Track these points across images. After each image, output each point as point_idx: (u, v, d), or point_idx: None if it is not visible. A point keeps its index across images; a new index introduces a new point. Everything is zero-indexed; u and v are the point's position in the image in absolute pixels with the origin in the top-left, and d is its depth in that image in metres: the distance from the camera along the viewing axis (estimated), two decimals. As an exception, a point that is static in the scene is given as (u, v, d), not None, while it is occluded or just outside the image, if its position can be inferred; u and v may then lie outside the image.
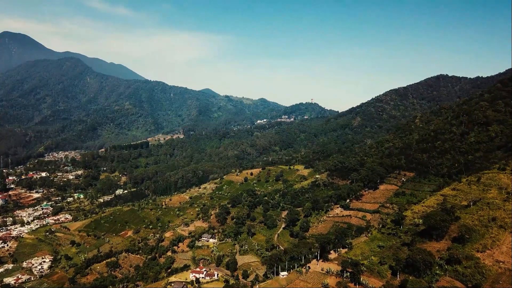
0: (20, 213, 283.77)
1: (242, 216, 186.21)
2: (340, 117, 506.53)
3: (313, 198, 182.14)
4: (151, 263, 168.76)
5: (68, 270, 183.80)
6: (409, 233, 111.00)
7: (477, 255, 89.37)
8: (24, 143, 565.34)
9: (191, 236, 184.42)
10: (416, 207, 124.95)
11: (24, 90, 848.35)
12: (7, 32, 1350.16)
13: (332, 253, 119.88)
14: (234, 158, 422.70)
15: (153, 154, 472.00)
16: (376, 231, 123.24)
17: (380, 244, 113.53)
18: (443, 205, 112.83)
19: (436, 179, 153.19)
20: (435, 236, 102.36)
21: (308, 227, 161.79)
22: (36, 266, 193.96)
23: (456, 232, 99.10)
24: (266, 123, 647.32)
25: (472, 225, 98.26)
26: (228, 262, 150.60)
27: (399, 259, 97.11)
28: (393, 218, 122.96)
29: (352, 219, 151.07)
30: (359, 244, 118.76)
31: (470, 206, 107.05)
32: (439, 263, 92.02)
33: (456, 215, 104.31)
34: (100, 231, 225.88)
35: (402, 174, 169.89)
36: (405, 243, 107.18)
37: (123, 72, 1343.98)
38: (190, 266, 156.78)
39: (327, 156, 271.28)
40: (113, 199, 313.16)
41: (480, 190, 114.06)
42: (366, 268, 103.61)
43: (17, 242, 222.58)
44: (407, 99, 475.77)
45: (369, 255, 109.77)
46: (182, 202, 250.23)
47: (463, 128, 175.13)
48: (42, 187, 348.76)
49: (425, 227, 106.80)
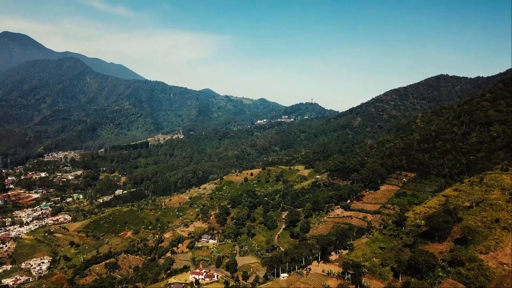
0: (19, 214, 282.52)
1: (242, 216, 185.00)
2: (340, 117, 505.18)
3: (314, 199, 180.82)
4: (150, 264, 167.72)
5: (67, 271, 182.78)
6: (411, 234, 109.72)
7: (481, 257, 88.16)
8: (24, 143, 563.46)
9: (191, 237, 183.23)
10: (417, 208, 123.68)
11: (23, 90, 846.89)
12: (7, 32, 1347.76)
13: (333, 254, 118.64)
14: (234, 158, 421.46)
15: (153, 154, 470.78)
16: (377, 232, 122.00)
17: (381, 245, 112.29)
18: (445, 206, 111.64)
19: (437, 179, 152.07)
20: (438, 237, 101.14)
21: (309, 228, 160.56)
22: (35, 267, 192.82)
23: (459, 233, 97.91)
24: (266, 123, 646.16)
25: (475, 227, 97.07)
26: (228, 263, 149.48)
27: (401, 260, 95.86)
28: (394, 219, 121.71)
29: (353, 220, 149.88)
30: (360, 245, 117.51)
31: (472, 207, 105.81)
32: (442, 265, 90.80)
33: (458, 216, 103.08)
34: (99, 231, 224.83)
35: (403, 174, 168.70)
36: (407, 244, 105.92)
37: (123, 72, 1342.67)
38: (190, 267, 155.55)
39: (328, 156, 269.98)
40: (112, 199, 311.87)
41: (483, 191, 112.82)
42: (367, 270, 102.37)
43: (16, 242, 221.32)
44: (408, 99, 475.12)
45: (370, 257, 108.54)
46: (181, 203, 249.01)
47: (465, 128, 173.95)
48: (41, 187, 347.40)
49: (427, 228, 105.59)
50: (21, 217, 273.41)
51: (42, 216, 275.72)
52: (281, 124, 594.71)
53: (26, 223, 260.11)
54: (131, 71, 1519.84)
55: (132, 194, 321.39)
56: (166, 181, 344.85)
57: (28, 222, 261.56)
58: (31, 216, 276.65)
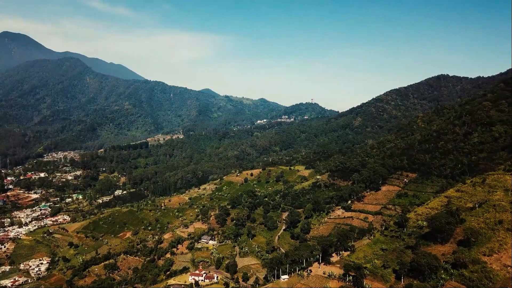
0: (18, 214, 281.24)
1: (242, 217, 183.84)
2: (340, 117, 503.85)
3: (314, 199, 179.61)
4: (149, 266, 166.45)
5: (65, 272, 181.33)
6: (413, 235, 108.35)
7: (484, 259, 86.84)
8: (23, 143, 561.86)
9: (191, 238, 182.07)
10: (419, 209, 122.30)
11: (23, 90, 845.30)
12: (7, 32, 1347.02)
13: (334, 256, 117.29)
14: (234, 158, 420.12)
15: (153, 155, 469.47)
16: (379, 233, 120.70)
17: (383, 247, 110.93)
18: (447, 207, 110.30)
19: (439, 180, 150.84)
20: (440, 239, 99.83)
21: (309, 229, 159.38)
22: (34, 268, 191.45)
23: (462, 235, 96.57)
24: (266, 123, 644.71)
25: (478, 228, 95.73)
26: (228, 265, 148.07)
27: (403, 262, 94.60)
28: (396, 220, 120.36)
29: (354, 221, 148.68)
30: (362, 246, 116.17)
31: (475, 208, 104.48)
32: (445, 267, 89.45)
33: (461, 217, 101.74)
34: (98, 232, 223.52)
35: (404, 175, 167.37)
36: (409, 246, 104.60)
37: (122, 72, 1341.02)
38: (190, 269, 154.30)
39: (328, 156, 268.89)
40: (112, 199, 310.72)
41: (486, 192, 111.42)
42: (369, 272, 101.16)
43: (15, 243, 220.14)
44: (408, 99, 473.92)
45: (372, 258, 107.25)
46: (181, 203, 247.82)
47: (466, 128, 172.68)
48: (40, 187, 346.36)
49: (429, 230, 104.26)
50: (20, 218, 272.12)
51: (41, 217, 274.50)
52: (281, 124, 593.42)
53: (25, 223, 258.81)
54: (131, 71, 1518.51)
55: (132, 195, 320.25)
56: (166, 181, 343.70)
57: (27, 223, 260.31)
58: (30, 217, 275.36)
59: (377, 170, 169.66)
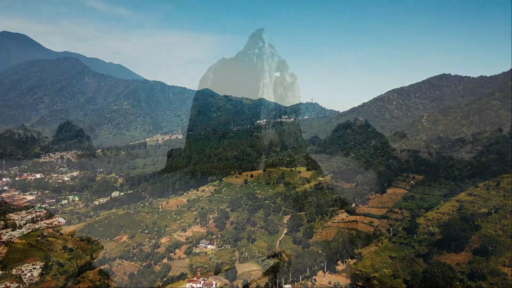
0: (12, 216, 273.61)
1: (242, 221, 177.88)
2: (341, 117, 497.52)
3: (317, 202, 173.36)
4: (146, 271, 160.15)
5: (59, 277, 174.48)
6: (424, 243, 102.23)
7: (504, 270, 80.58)
8: (20, 144, 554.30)
9: (188, 242, 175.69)
10: (429, 214, 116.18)
11: (21, 89, 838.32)
12: (5, 32, 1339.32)
13: (339, 264, 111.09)
14: (233, 159, 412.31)
15: (151, 155, 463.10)
16: (386, 239, 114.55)
17: (392, 254, 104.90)
18: (460, 212, 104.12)
19: (447, 182, 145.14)
20: (454, 247, 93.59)
21: (312, 233, 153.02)
22: (26, 273, 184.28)
23: (478, 243, 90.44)
24: (266, 123, 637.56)
25: (496, 236, 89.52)
26: (227, 271, 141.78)
27: (415, 272, 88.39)
28: (405, 226, 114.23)
29: (359, 225, 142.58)
30: (369, 254, 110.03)
31: (491, 214, 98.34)
32: (461, 278, 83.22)
33: (476, 223, 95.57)
34: (94, 235, 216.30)
35: (410, 177, 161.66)
36: (420, 254, 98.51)
37: (121, 72, 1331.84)
38: (187, 275, 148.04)
39: (330, 157, 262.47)
40: (108, 201, 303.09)
41: (501, 196, 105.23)
42: (377, 282, 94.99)
43: (8, 247, 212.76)
44: (410, 99, 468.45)
45: (380, 267, 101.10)
46: (179, 206, 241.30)
47: (474, 128, 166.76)
48: (36, 189, 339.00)
49: (441, 237, 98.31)
50: (14, 220, 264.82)
51: (36, 219, 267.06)
52: (281, 124, 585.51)
53: (19, 226, 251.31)
54: (130, 71, 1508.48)
55: (129, 196, 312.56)
56: (164, 182, 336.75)
57: (21, 225, 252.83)
58: (25, 219, 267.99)
59: (382, 171, 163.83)
